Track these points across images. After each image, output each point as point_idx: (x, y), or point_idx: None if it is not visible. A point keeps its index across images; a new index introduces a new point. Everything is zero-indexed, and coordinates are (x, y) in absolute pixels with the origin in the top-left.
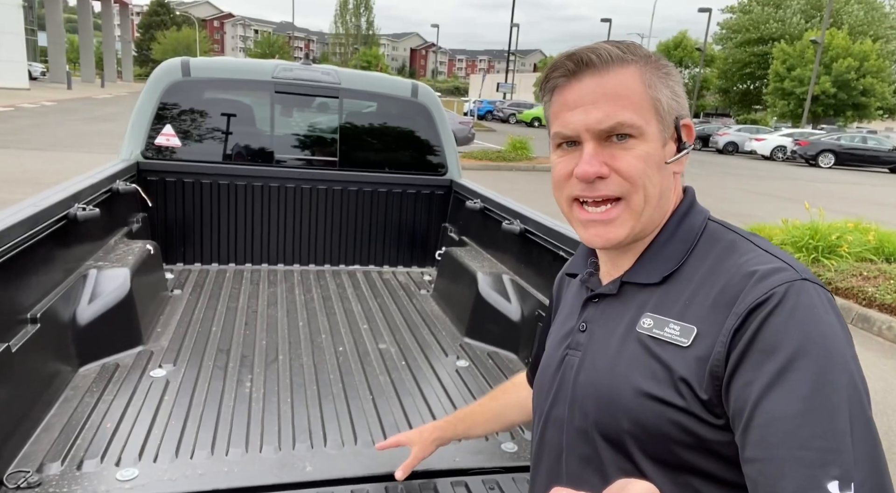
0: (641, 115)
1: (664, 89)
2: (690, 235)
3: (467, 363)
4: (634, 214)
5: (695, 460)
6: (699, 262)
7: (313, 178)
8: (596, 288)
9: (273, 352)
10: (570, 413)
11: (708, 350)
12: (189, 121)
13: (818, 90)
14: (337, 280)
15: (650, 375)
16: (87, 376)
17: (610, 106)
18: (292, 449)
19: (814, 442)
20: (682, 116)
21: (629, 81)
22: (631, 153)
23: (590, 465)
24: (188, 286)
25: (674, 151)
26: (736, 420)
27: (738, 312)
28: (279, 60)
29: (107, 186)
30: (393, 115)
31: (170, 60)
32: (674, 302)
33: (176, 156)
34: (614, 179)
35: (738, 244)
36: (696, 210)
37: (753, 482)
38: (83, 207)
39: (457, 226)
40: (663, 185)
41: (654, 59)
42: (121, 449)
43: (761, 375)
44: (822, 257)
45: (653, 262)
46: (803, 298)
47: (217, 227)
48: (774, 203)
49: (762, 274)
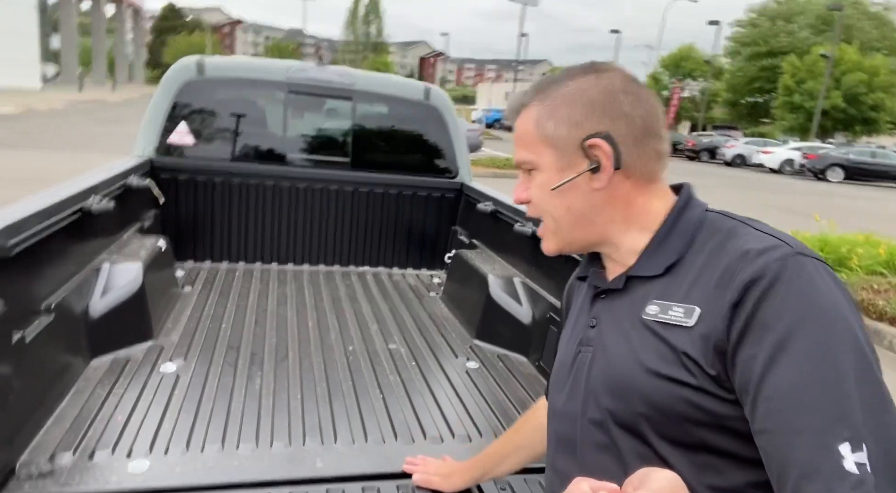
0: (533, 150)
1: (549, 122)
2: (690, 227)
3: (477, 365)
4: (552, 232)
5: (710, 438)
6: (701, 250)
7: (325, 178)
8: (603, 285)
9: (283, 350)
10: (584, 406)
11: (711, 327)
12: (202, 119)
13: (828, 105)
14: (346, 281)
15: (659, 356)
16: (98, 369)
17: (517, 147)
18: (302, 445)
19: (821, 408)
20: (590, 137)
21: (523, 124)
22: (533, 183)
23: (607, 452)
24: (198, 283)
25: (585, 170)
26: (743, 395)
27: (736, 287)
28: (294, 61)
29: (120, 181)
30: (405, 117)
31: (185, 59)
32: (677, 288)
33: (189, 154)
34: (531, 204)
35: (737, 229)
36: (693, 204)
37: (766, 454)
38: (98, 199)
39: (467, 229)
40: (573, 205)
41: (547, 96)
42: (132, 441)
43: (763, 348)
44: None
45: (655, 255)
46: (800, 271)
47: (228, 225)
48: (783, 216)
49: (758, 251)
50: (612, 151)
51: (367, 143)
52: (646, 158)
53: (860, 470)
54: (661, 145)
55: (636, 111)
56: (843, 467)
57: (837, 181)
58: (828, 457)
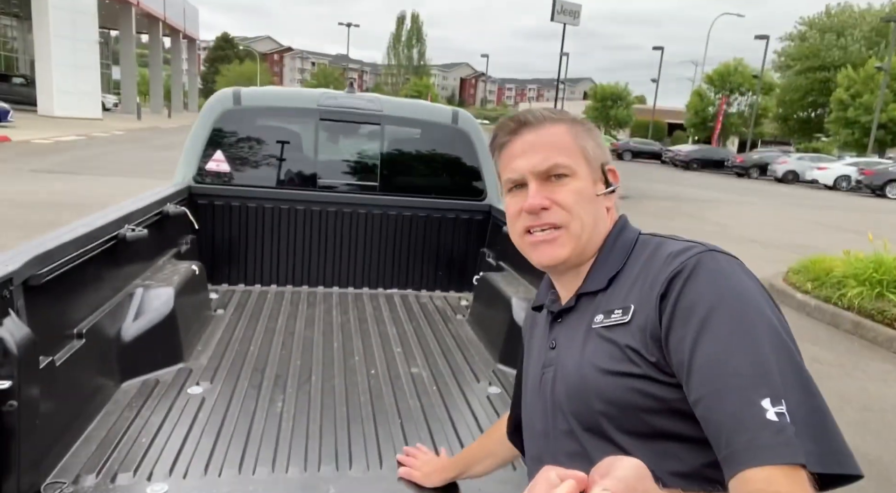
0: (572, 158)
1: (589, 140)
2: (626, 245)
3: (499, 390)
4: (573, 237)
5: (664, 424)
6: (635, 262)
7: (354, 202)
8: (557, 308)
9: (306, 373)
10: (554, 420)
11: (644, 319)
12: (238, 147)
13: (885, 118)
14: (374, 303)
15: (608, 356)
16: (128, 392)
17: (546, 151)
18: (317, 471)
19: (742, 370)
20: (607, 163)
21: (560, 134)
22: (567, 188)
23: (579, 459)
24: (231, 306)
25: (602, 188)
26: (680, 374)
27: (660, 281)
28: (324, 89)
29: (157, 208)
30: (433, 140)
31: (222, 90)
32: (618, 296)
33: (225, 181)
34: (555, 209)
35: (664, 242)
36: (628, 228)
37: (704, 420)
38: (132, 228)
39: (495, 251)
40: (597, 214)
41: (578, 120)
42: (153, 464)
43: (689, 329)
44: (886, 292)
45: (599, 271)
46: (712, 263)
47: (261, 249)
48: (836, 234)
49: (677, 252)
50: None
51: (395, 167)
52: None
53: (780, 419)
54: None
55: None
56: (766, 417)
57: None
58: (752, 411)
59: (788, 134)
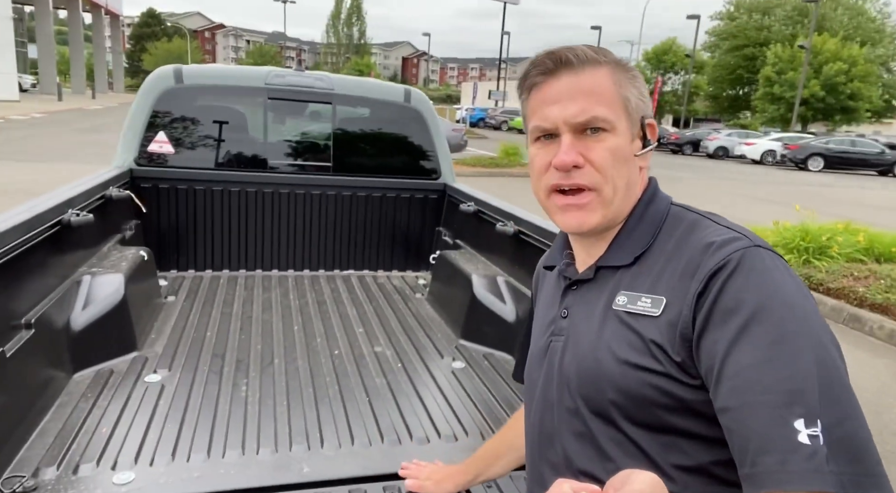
0: (613, 111)
1: (632, 89)
2: (656, 219)
3: (463, 365)
4: (605, 202)
5: (677, 421)
6: (665, 241)
7: (307, 183)
8: (573, 276)
9: (268, 356)
10: (559, 395)
11: (677, 316)
12: (182, 128)
13: (807, 94)
14: (331, 285)
15: (628, 345)
16: (81, 382)
17: (585, 101)
18: (289, 451)
19: (778, 385)
20: (648, 116)
21: (602, 80)
22: (603, 145)
23: (584, 440)
24: (182, 293)
25: (640, 146)
26: (708, 377)
27: (699, 278)
28: (272, 67)
29: (100, 192)
30: (386, 120)
31: (162, 68)
32: (644, 279)
33: (169, 163)
34: (588, 169)
35: (699, 222)
36: (659, 197)
37: (728, 431)
38: (77, 212)
39: (451, 230)
40: (630, 177)
41: (623, 63)
42: (117, 453)
43: (726, 332)
44: (812, 259)
45: (624, 245)
46: (757, 262)
47: (211, 233)
48: (765, 206)
49: (719, 244)
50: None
51: (348, 146)
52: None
53: (813, 442)
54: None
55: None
56: (797, 440)
57: (817, 170)
58: (783, 432)
59: (719, 111)
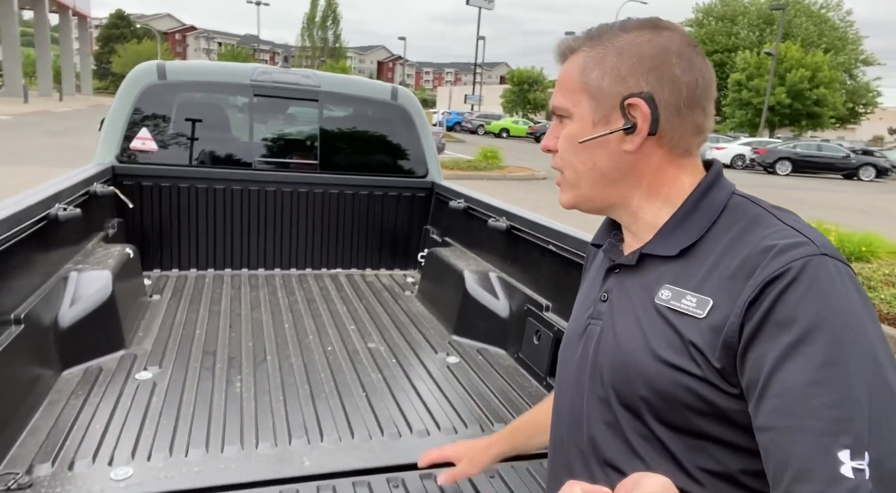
0: (570, 98)
1: (595, 71)
2: (712, 209)
3: (458, 360)
4: (570, 185)
5: (709, 427)
6: (721, 235)
7: (293, 181)
8: (617, 259)
9: (261, 353)
10: (592, 381)
11: (723, 321)
12: (165, 125)
13: (773, 101)
14: (320, 283)
15: (667, 343)
16: (70, 380)
17: (557, 91)
18: (289, 445)
19: (825, 412)
20: (631, 95)
21: (569, 69)
22: (562, 132)
23: (614, 430)
24: (167, 292)
25: (619, 128)
26: (750, 391)
27: (754, 284)
28: (257, 64)
29: (84, 188)
30: (373, 117)
31: (144, 64)
32: (692, 275)
33: (152, 160)
34: (556, 153)
35: (762, 218)
36: (720, 185)
37: (765, 451)
38: (64, 207)
39: (439, 228)
40: (598, 161)
41: (599, 43)
42: (112, 449)
43: (776, 346)
44: None
45: (671, 235)
46: (821, 272)
47: (195, 232)
48: None
49: (781, 248)
50: (651, 115)
51: (335, 144)
52: (684, 130)
53: (857, 476)
54: (703, 120)
55: (685, 78)
56: (840, 472)
57: (785, 174)
58: (825, 461)
59: None
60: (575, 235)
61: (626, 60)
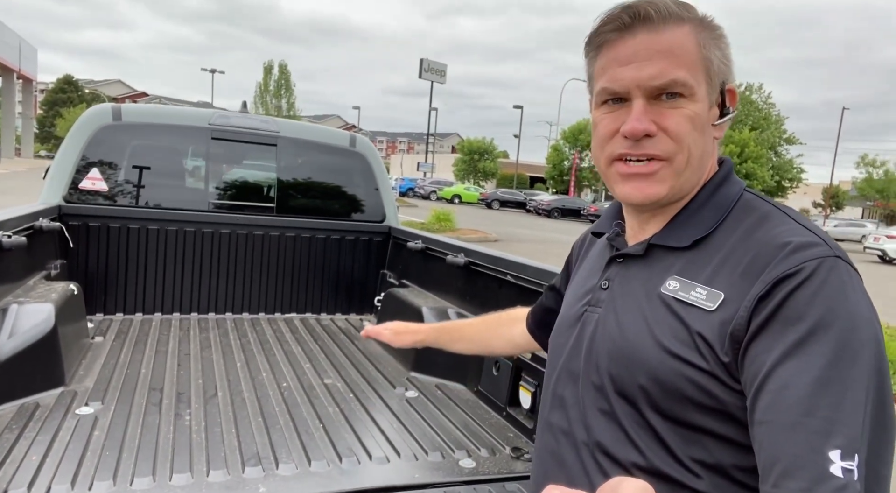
0: (694, 74)
1: (716, 51)
2: (725, 203)
3: (416, 394)
4: (675, 173)
5: (706, 420)
6: (732, 229)
7: (249, 223)
8: (622, 248)
9: (211, 389)
10: (587, 367)
11: (732, 314)
12: (118, 165)
13: None
14: (273, 326)
15: (673, 334)
16: (4, 415)
17: (664, 63)
18: (242, 473)
19: (822, 411)
20: (729, 81)
21: (684, 40)
22: (679, 112)
23: (608, 417)
24: (111, 334)
25: (717, 115)
26: (749, 384)
27: (765, 280)
28: (216, 109)
29: (29, 222)
30: (331, 163)
31: (99, 105)
32: (702, 267)
33: (102, 200)
34: (661, 138)
35: (773, 215)
36: (732, 180)
37: (759, 444)
38: (8, 235)
39: (396, 271)
40: (705, 148)
41: (708, 21)
42: (50, 479)
43: (780, 343)
44: None
45: (684, 226)
46: (833, 275)
47: (143, 274)
48: None
49: (795, 246)
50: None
51: (292, 188)
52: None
53: (846, 476)
54: None
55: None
56: (828, 470)
57: None
58: (815, 459)
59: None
60: (534, 266)
61: (726, 45)
